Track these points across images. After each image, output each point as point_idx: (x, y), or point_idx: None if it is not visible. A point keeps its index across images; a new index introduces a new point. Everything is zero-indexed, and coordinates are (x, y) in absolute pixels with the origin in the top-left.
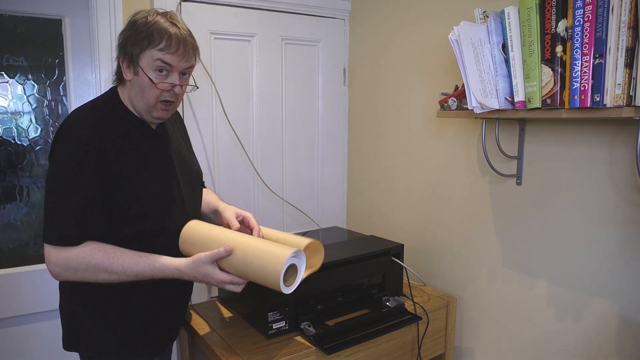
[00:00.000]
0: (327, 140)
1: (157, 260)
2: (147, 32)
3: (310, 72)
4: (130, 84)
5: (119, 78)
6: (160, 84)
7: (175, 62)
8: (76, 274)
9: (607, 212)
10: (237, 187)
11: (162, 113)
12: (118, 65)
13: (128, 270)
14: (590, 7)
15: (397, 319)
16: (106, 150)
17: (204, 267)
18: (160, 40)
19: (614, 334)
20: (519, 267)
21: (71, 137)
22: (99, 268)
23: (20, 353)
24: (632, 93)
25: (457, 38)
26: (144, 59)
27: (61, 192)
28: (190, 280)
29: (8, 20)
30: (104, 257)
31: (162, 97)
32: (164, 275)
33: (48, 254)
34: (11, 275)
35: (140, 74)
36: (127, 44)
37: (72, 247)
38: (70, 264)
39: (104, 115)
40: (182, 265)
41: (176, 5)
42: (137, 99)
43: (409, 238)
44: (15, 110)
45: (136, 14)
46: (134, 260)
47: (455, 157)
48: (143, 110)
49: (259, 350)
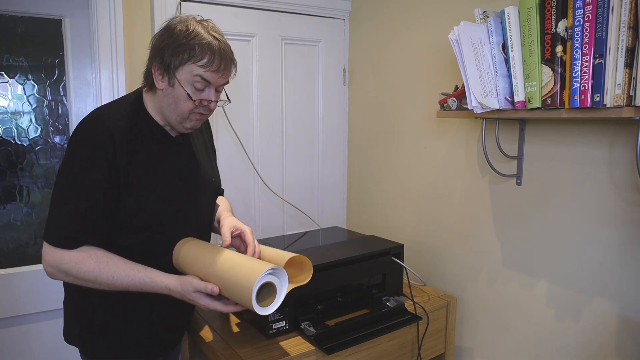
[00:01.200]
0: (327, 140)
1: (149, 275)
2: (188, 44)
3: (310, 72)
4: (162, 93)
5: (148, 83)
6: (197, 100)
7: (215, 79)
8: (67, 277)
9: (607, 212)
10: (237, 187)
11: (195, 123)
12: (149, 71)
13: (117, 282)
14: (590, 7)
15: (397, 319)
16: (116, 152)
17: (189, 294)
18: (202, 56)
19: (614, 334)
20: (519, 267)
21: (83, 135)
22: (88, 276)
23: (20, 353)
24: (632, 93)
25: (457, 38)
26: (183, 73)
27: (66, 192)
28: (178, 298)
29: (8, 20)
30: (95, 265)
31: (196, 110)
32: (154, 290)
33: (44, 253)
34: (11, 275)
35: (177, 86)
36: (165, 53)
37: (68, 249)
38: (62, 267)
39: (121, 117)
40: (172, 285)
41: (176, 5)
42: (169, 110)
43: (409, 238)
44: (15, 110)
45: (173, 18)
46: (124, 272)
47: (455, 157)
48: (175, 121)
49: (259, 350)
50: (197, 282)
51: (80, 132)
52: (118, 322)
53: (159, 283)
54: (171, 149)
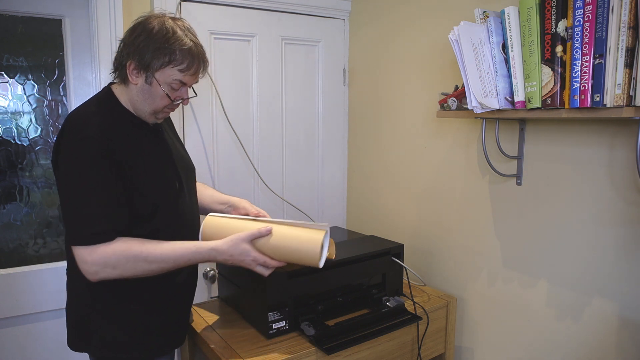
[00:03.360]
0: (327, 140)
1: (192, 244)
2: (169, 48)
3: (310, 72)
4: (136, 88)
5: (119, 75)
6: (173, 97)
7: (191, 81)
8: (115, 270)
9: (607, 212)
10: (237, 187)
11: (166, 114)
12: (122, 66)
13: (167, 258)
14: (590, 7)
15: (397, 319)
16: (114, 149)
17: (242, 245)
18: (182, 61)
19: (613, 333)
20: (519, 267)
21: (80, 137)
22: (139, 259)
23: (20, 353)
24: (632, 93)
25: (457, 38)
26: (162, 75)
27: (82, 192)
28: (222, 261)
29: (8, 20)
30: (141, 248)
31: (170, 106)
32: (201, 257)
33: (82, 255)
34: (11, 275)
35: (154, 84)
36: (145, 52)
37: (106, 243)
38: (109, 261)
39: (106, 114)
40: (219, 245)
41: (176, 5)
42: (143, 104)
43: (409, 238)
44: (15, 110)
45: (147, 16)
46: (169, 247)
47: (455, 157)
48: (147, 113)
49: (259, 350)
50: (246, 232)
51: (75, 133)
52: (124, 320)
53: (204, 247)
54: (151, 135)
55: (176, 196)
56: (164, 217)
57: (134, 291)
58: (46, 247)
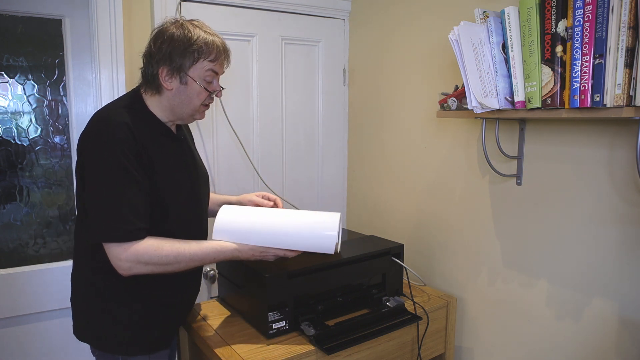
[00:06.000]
0: (327, 140)
1: (217, 244)
2: (195, 45)
3: (310, 72)
4: (172, 93)
5: (152, 87)
6: (212, 89)
7: (221, 69)
8: (147, 267)
9: (607, 212)
10: (237, 187)
11: (202, 115)
12: (151, 75)
13: (195, 257)
14: (590, 7)
15: (397, 319)
16: (142, 151)
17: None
18: (209, 53)
19: (613, 333)
20: (519, 267)
21: (109, 138)
22: (170, 257)
23: (21, 353)
24: (632, 93)
25: (457, 38)
26: (195, 70)
27: (113, 191)
28: (245, 259)
29: (8, 20)
30: (172, 247)
31: (206, 101)
32: (225, 256)
33: (116, 252)
34: (11, 275)
35: (190, 82)
36: (174, 56)
37: (139, 241)
38: (141, 258)
39: (136, 118)
40: (242, 246)
41: (176, 5)
42: (181, 106)
43: (409, 238)
44: (15, 110)
45: (163, 25)
46: (197, 246)
47: (455, 157)
48: (187, 115)
49: (259, 350)
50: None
51: (101, 134)
52: (127, 315)
53: (229, 247)
54: (174, 142)
55: (192, 202)
56: (179, 220)
57: (137, 289)
58: (46, 247)
